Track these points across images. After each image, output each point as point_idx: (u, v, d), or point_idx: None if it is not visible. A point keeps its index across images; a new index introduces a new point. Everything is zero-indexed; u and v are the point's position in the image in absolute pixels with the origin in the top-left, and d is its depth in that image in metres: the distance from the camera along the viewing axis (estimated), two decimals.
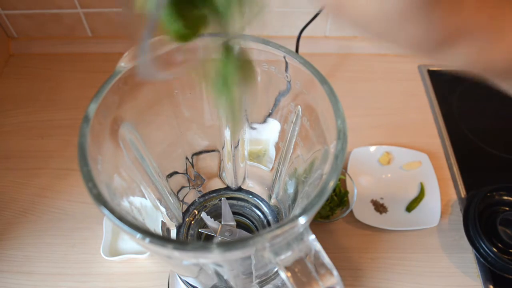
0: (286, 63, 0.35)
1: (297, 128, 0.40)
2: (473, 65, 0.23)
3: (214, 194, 0.51)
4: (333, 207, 0.61)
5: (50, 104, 0.75)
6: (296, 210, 0.38)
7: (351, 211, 0.61)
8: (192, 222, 0.48)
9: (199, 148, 0.48)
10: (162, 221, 0.44)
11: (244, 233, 0.45)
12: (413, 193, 0.65)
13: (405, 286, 0.56)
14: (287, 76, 0.36)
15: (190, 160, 0.48)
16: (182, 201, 0.49)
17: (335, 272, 0.26)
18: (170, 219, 0.46)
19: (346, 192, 0.62)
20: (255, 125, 0.45)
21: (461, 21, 0.20)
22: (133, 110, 0.36)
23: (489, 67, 0.23)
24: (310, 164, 0.39)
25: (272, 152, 0.47)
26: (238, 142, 0.47)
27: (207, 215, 0.46)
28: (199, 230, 0.47)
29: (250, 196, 0.50)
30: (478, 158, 0.71)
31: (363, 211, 0.61)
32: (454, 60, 0.23)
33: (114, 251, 0.57)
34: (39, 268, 0.57)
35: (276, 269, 0.41)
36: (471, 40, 0.21)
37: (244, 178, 0.52)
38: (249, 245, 0.24)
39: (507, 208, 0.59)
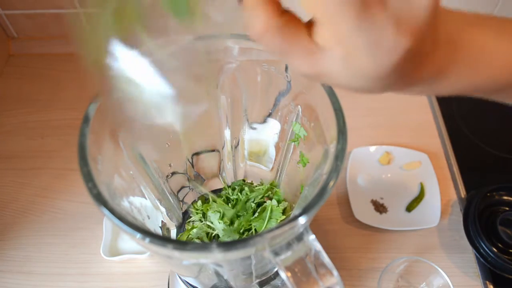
0: None
1: None
2: (460, 91, 0.24)
3: (214, 194, 0.50)
4: None
5: (50, 104, 0.75)
6: (296, 210, 0.38)
7: (351, 211, 0.61)
8: None
9: (199, 148, 0.48)
10: (162, 221, 0.44)
11: None
12: (413, 193, 0.65)
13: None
14: (287, 76, 0.36)
15: (190, 160, 0.48)
16: (182, 201, 0.49)
17: (335, 272, 0.26)
18: (170, 219, 0.46)
19: None
20: (255, 125, 0.45)
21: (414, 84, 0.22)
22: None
23: (475, 90, 0.24)
24: (310, 164, 0.39)
25: (272, 152, 0.47)
26: (238, 142, 0.47)
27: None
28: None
29: None
30: (478, 158, 0.71)
31: (363, 211, 0.61)
32: (440, 91, 0.24)
33: (114, 251, 0.57)
34: (39, 268, 0.57)
35: (276, 269, 0.41)
36: (447, 77, 0.23)
37: (244, 178, 0.52)
38: (249, 245, 0.24)
39: (507, 208, 0.59)
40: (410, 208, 0.63)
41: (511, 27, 0.24)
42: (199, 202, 0.47)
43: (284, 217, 0.43)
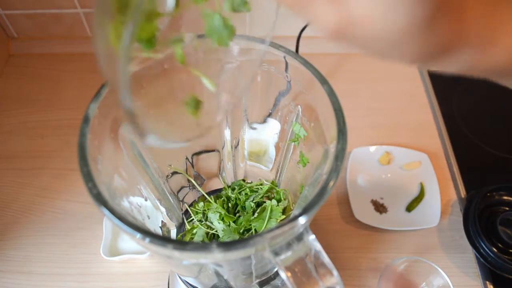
0: (286, 63, 0.35)
1: None
2: (473, 68, 0.22)
3: (214, 194, 0.50)
4: None
5: (50, 104, 0.75)
6: (296, 210, 0.38)
7: (351, 211, 0.61)
8: None
9: (199, 148, 0.48)
10: (162, 221, 0.44)
11: None
12: (413, 193, 0.65)
13: None
14: (287, 76, 0.36)
15: (190, 160, 0.48)
16: (182, 201, 0.49)
17: (335, 272, 0.26)
18: (170, 219, 0.46)
19: None
20: (255, 125, 0.45)
21: (463, 29, 0.20)
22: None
23: (489, 68, 0.23)
24: (310, 164, 0.39)
25: (272, 152, 0.47)
26: (238, 142, 0.47)
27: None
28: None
29: None
30: (478, 158, 0.71)
31: (363, 211, 0.61)
32: (453, 66, 0.22)
33: (114, 251, 0.57)
34: (39, 268, 0.57)
35: (276, 269, 0.41)
36: (470, 45, 0.21)
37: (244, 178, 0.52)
38: (249, 245, 0.24)
39: (507, 208, 0.59)
40: (410, 208, 0.63)
41: None
42: (201, 203, 0.47)
43: (284, 217, 0.43)
